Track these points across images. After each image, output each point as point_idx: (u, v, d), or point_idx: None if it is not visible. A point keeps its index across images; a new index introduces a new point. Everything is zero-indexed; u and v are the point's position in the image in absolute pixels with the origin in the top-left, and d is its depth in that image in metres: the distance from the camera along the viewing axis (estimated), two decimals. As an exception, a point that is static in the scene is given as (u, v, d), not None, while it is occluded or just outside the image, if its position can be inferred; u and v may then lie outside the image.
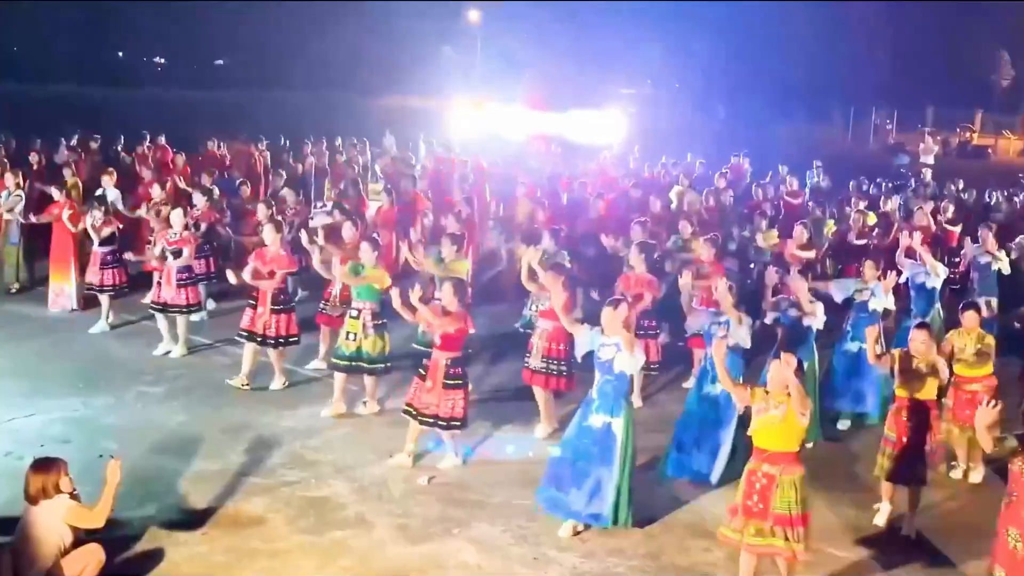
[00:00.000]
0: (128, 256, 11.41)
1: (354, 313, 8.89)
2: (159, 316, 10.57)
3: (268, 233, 9.71)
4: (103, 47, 54.98)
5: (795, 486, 5.87)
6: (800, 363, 6.13)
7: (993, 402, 5.50)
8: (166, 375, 9.85)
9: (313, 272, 10.26)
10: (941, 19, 50.22)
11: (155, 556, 6.37)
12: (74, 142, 17.95)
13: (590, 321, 7.23)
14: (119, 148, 18.83)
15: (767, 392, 6.03)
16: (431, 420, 7.81)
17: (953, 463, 8.24)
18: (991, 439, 5.48)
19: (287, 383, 9.70)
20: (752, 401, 6.06)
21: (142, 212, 12.41)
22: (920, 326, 7.46)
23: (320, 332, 10.28)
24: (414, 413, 7.87)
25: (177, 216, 10.71)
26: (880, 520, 7.27)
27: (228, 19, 52.92)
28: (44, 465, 5.76)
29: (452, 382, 7.79)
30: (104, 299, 11.37)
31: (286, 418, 8.82)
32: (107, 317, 11.35)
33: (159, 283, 10.64)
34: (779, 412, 5.87)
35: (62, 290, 12.08)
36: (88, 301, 11.93)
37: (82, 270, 11.92)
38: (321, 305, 10.19)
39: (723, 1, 45.21)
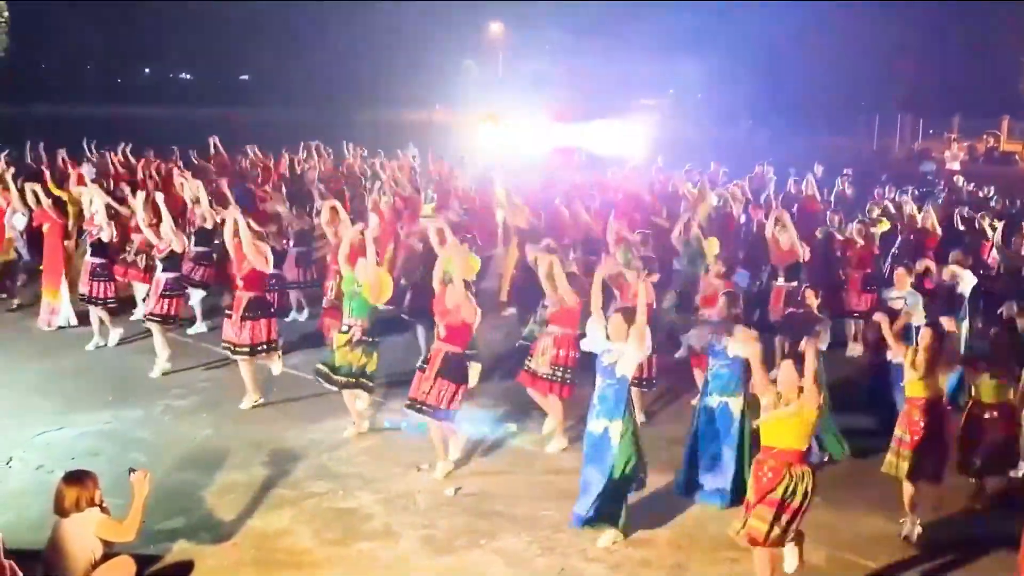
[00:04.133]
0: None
1: (344, 328, 8.62)
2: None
3: (247, 244, 9.27)
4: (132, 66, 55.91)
5: (804, 481, 5.88)
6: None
7: None
8: (194, 388, 9.93)
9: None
10: (966, 27, 49.88)
11: (184, 568, 6.42)
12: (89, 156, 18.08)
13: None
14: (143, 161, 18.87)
15: (779, 393, 6.03)
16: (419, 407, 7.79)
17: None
18: None
19: (259, 400, 9.44)
20: (766, 396, 6.05)
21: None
22: (929, 325, 7.38)
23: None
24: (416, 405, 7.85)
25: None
26: (911, 532, 7.11)
27: (252, 36, 53.51)
28: (77, 478, 5.80)
29: (448, 374, 7.75)
30: (94, 312, 11.08)
31: (311, 431, 8.85)
32: (99, 331, 11.08)
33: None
34: (792, 408, 5.91)
35: (48, 306, 11.77)
36: (83, 317, 11.57)
37: (71, 285, 11.71)
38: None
39: (746, 10, 45.10)
